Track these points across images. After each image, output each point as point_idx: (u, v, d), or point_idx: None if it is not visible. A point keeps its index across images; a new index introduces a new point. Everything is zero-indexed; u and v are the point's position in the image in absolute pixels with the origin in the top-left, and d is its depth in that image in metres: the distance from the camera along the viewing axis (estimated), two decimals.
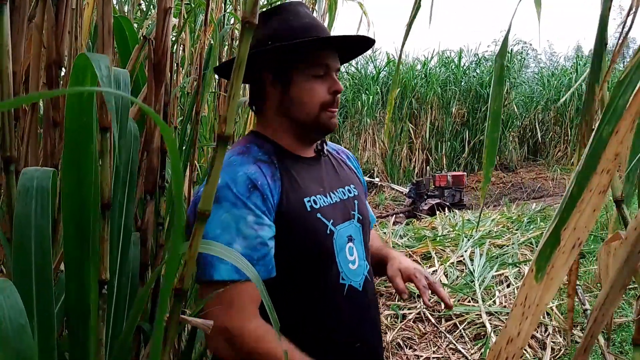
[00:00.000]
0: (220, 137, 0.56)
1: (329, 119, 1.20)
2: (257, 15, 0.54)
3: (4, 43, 0.92)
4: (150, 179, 1.36)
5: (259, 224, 1.08)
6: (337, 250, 1.20)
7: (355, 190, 1.33)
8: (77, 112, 0.84)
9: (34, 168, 0.78)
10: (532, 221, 5.77)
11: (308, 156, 1.27)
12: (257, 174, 1.11)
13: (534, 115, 14.67)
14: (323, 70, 1.19)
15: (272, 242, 1.10)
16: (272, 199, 1.12)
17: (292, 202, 1.15)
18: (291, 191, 1.16)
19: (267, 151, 1.20)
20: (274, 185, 1.13)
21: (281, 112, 1.22)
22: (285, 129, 1.23)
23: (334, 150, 1.42)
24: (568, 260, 0.38)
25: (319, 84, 1.18)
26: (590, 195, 0.38)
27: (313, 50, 1.18)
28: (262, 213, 1.09)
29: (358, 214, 1.29)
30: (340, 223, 1.23)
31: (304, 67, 1.18)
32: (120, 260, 1.11)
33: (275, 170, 1.16)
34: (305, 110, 1.19)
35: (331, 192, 1.25)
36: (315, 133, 1.25)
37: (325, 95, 1.18)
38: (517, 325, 0.42)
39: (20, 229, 0.74)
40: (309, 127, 1.21)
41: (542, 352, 2.97)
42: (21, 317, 0.64)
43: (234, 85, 0.55)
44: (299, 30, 1.17)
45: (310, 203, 1.17)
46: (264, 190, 1.10)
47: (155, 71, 1.31)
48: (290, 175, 1.18)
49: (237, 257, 0.76)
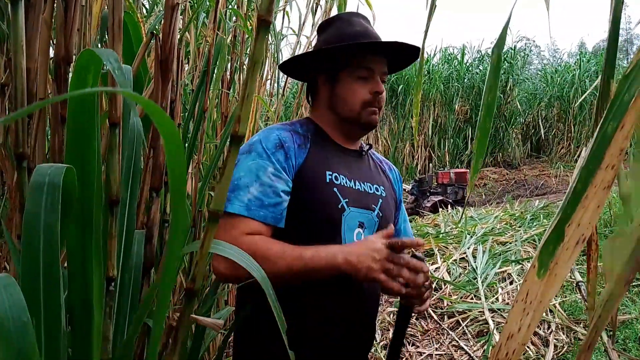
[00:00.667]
0: (234, 136, 0.56)
1: (369, 115, 1.32)
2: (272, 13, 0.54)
3: (19, 39, 0.92)
4: (156, 175, 1.36)
5: (276, 176, 1.20)
6: (345, 228, 1.25)
7: (384, 192, 1.39)
8: (79, 107, 0.84)
9: (48, 165, 0.78)
10: (535, 218, 5.75)
11: (350, 148, 1.38)
12: (287, 138, 1.25)
13: (537, 112, 14.65)
14: (367, 73, 1.30)
15: (285, 195, 1.21)
16: (294, 160, 1.24)
17: (313, 169, 1.25)
18: (315, 161, 1.27)
19: (308, 129, 1.33)
20: (299, 150, 1.26)
21: (329, 107, 1.35)
22: (332, 122, 1.36)
23: (378, 158, 1.53)
24: (572, 257, 0.38)
25: (362, 84, 1.30)
26: (595, 190, 0.38)
27: (357, 54, 1.30)
28: (282, 168, 1.21)
29: (379, 210, 1.34)
30: (357, 207, 1.28)
31: (349, 69, 1.31)
32: (124, 257, 1.11)
33: (306, 142, 1.29)
34: (348, 107, 1.31)
35: (357, 180, 1.33)
36: (358, 128, 1.36)
37: (367, 95, 1.30)
38: (517, 321, 0.42)
39: (29, 225, 0.74)
40: (352, 122, 1.33)
41: (545, 349, 2.97)
42: (23, 315, 0.63)
43: (249, 85, 0.54)
44: (348, 37, 1.30)
45: (331, 177, 1.26)
46: (288, 151, 1.23)
47: (162, 68, 1.31)
48: (320, 150, 1.30)
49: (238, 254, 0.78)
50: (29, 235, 0.74)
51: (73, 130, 0.84)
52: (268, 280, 0.75)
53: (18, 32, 0.91)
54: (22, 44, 0.93)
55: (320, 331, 1.21)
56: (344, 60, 1.31)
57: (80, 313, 0.87)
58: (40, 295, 0.74)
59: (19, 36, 0.92)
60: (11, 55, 1.02)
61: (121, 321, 1.12)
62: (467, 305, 3.55)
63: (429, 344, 3.24)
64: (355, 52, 1.30)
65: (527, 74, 15.89)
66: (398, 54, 1.40)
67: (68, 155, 0.84)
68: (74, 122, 0.84)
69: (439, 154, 13.36)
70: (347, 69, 1.31)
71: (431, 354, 3.12)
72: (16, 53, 0.92)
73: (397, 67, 1.48)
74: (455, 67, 13.96)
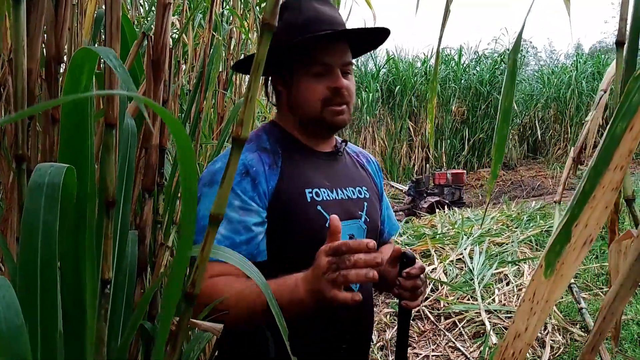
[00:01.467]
0: (236, 139, 0.55)
1: (332, 115, 1.20)
2: (277, 17, 0.53)
3: (21, 39, 0.91)
4: (148, 176, 1.35)
5: (245, 209, 1.10)
6: None
7: (367, 193, 1.31)
8: (72, 108, 0.83)
9: (49, 164, 0.77)
10: (531, 219, 5.77)
11: (323, 151, 1.28)
12: (253, 161, 1.15)
13: (534, 113, 14.68)
14: (322, 69, 1.18)
15: (258, 227, 1.11)
16: (266, 184, 1.14)
17: (291, 191, 1.15)
18: (291, 180, 1.17)
19: (276, 140, 1.23)
20: (270, 173, 1.15)
21: (290, 110, 1.25)
22: (297, 124, 1.26)
23: (354, 152, 1.44)
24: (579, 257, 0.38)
25: (319, 81, 1.18)
26: (603, 191, 0.37)
27: (309, 49, 1.17)
28: (250, 199, 1.11)
29: (366, 215, 1.27)
30: (344, 219, 1.17)
31: (303, 67, 1.18)
32: (118, 259, 1.10)
33: (277, 159, 1.18)
34: (308, 108, 1.20)
35: (339, 188, 1.24)
36: (324, 129, 1.25)
37: (325, 92, 1.18)
38: (524, 321, 0.41)
39: (28, 225, 0.73)
40: (315, 124, 1.22)
41: (541, 351, 2.97)
42: (17, 317, 0.62)
43: (252, 87, 0.53)
44: (296, 29, 1.16)
45: (311, 194, 1.17)
46: (257, 176, 1.13)
47: (154, 67, 1.30)
48: (294, 165, 1.19)
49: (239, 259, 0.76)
50: (28, 235, 0.73)
51: (66, 129, 0.83)
52: (268, 285, 0.73)
53: (20, 32, 0.90)
54: (23, 44, 0.92)
55: (315, 336, 1.17)
56: (295, 57, 1.19)
57: (72, 315, 0.86)
58: (37, 296, 0.73)
59: (21, 36, 0.91)
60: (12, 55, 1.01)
61: (115, 323, 1.11)
62: (464, 306, 3.55)
63: (426, 344, 3.24)
64: (306, 47, 1.17)
65: (524, 75, 15.93)
66: (362, 37, 1.27)
67: (61, 155, 0.83)
68: (67, 122, 0.82)
69: (436, 154, 13.38)
70: (300, 66, 1.18)
71: (428, 355, 3.12)
72: (17, 53, 0.91)
73: (364, 48, 1.35)
74: (452, 68, 13.98)
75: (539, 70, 16.79)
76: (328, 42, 1.18)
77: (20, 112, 0.86)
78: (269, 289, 0.72)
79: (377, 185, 1.42)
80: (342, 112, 1.21)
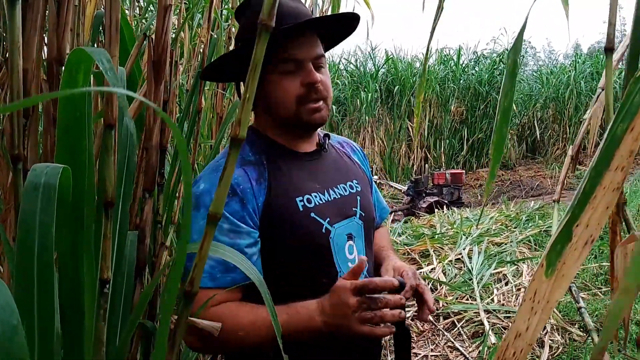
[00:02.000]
0: (234, 139, 0.55)
1: (309, 113, 1.14)
2: (274, 18, 0.53)
3: (16, 40, 0.90)
4: (148, 176, 1.35)
5: (234, 231, 1.07)
6: (336, 250, 1.16)
7: (358, 186, 1.28)
8: (70, 107, 0.83)
9: (45, 164, 0.77)
10: (530, 219, 5.77)
11: (306, 151, 1.24)
12: (239, 179, 1.10)
13: (532, 113, 14.69)
14: (293, 65, 1.11)
15: (251, 248, 1.08)
16: (255, 201, 1.10)
17: (282, 203, 1.12)
18: (281, 191, 1.13)
19: (258, 150, 1.18)
20: (258, 188, 1.11)
21: (266, 112, 1.20)
22: (274, 126, 1.20)
23: (337, 143, 1.38)
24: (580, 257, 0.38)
25: (290, 79, 1.12)
26: (604, 192, 0.38)
27: (275, 43, 1.08)
28: (240, 219, 1.07)
29: (360, 210, 1.25)
30: (339, 221, 1.19)
31: (272, 66, 1.11)
32: (117, 259, 1.10)
33: (263, 171, 1.14)
34: (282, 107, 1.14)
35: (330, 188, 1.21)
36: (301, 129, 1.20)
37: (299, 89, 1.12)
38: (525, 320, 0.41)
39: (24, 226, 0.73)
40: (293, 123, 1.17)
41: (540, 350, 2.97)
42: (13, 318, 0.62)
43: (249, 88, 0.54)
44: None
45: (303, 202, 1.14)
46: (245, 195, 1.09)
47: (155, 68, 1.31)
48: (281, 175, 1.15)
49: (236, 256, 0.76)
50: (24, 235, 0.73)
51: (63, 129, 0.83)
52: (264, 283, 0.73)
53: (15, 33, 0.90)
54: (18, 45, 0.92)
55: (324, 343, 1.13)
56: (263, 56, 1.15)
57: (71, 315, 0.86)
58: (34, 296, 0.73)
59: (16, 37, 0.91)
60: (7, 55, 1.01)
61: (114, 323, 1.11)
62: (463, 306, 3.55)
63: (425, 344, 3.24)
64: (274, 41, 1.05)
65: (523, 75, 15.94)
66: (330, 26, 1.20)
67: (58, 155, 0.83)
68: (64, 121, 0.82)
69: (435, 154, 13.38)
70: (269, 66, 1.10)
71: (427, 354, 3.12)
72: (13, 53, 0.91)
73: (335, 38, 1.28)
74: (451, 68, 13.98)
75: (538, 71, 16.82)
76: (295, 36, 1.11)
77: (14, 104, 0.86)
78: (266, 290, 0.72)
79: (365, 174, 1.38)
80: (320, 109, 1.15)
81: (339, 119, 13.76)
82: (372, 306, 0.98)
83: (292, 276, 1.13)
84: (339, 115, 13.77)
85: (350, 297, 0.98)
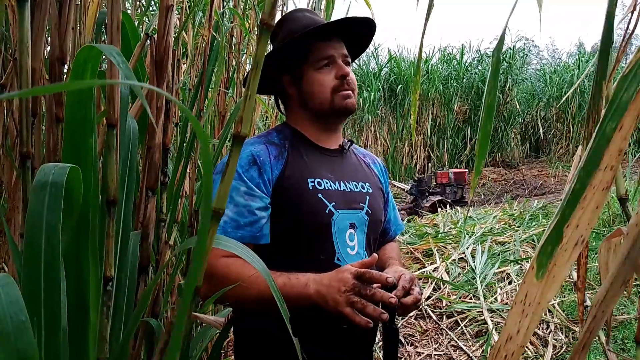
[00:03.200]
0: (236, 136, 0.56)
1: (342, 99, 1.29)
2: (275, 17, 0.54)
3: (25, 39, 0.91)
4: (152, 174, 1.36)
5: (249, 194, 1.19)
6: (336, 231, 1.24)
7: (370, 189, 1.37)
8: (76, 105, 0.84)
9: (53, 164, 0.78)
10: (533, 218, 5.76)
11: (330, 148, 1.36)
12: (261, 152, 1.24)
13: (536, 112, 14.66)
14: (327, 61, 1.29)
15: (262, 211, 1.19)
16: (271, 173, 1.22)
17: (294, 179, 1.23)
18: (296, 169, 1.25)
19: (284, 137, 1.32)
20: (275, 162, 1.24)
21: (301, 106, 1.34)
22: (309, 120, 1.34)
23: (361, 153, 1.51)
24: (570, 258, 0.38)
25: (326, 73, 1.29)
26: (594, 191, 0.38)
27: (312, 45, 1.29)
28: (256, 185, 1.20)
29: (368, 207, 1.32)
30: (344, 208, 1.27)
31: (309, 63, 1.29)
32: (120, 257, 1.11)
33: (283, 151, 1.27)
34: (319, 99, 1.29)
35: (342, 181, 1.31)
36: (335, 116, 1.33)
37: (334, 80, 1.28)
38: (516, 323, 0.41)
39: (32, 224, 0.74)
40: (327, 113, 1.31)
41: (543, 350, 2.97)
42: (22, 314, 0.63)
43: (251, 86, 0.55)
44: (297, 33, 1.27)
45: (313, 183, 1.25)
46: (263, 165, 1.22)
47: (157, 68, 1.32)
48: (299, 157, 1.28)
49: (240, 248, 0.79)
50: (32, 233, 0.74)
51: (70, 127, 0.83)
52: (269, 272, 0.75)
53: (24, 33, 0.91)
54: (27, 45, 0.93)
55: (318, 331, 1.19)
56: (300, 55, 1.30)
57: (75, 312, 0.87)
58: (41, 293, 0.74)
59: (25, 37, 0.92)
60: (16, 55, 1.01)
61: (117, 320, 1.12)
62: (466, 305, 3.55)
63: (428, 344, 3.24)
64: (310, 44, 1.29)
65: (526, 74, 15.89)
66: (353, 34, 1.38)
67: (65, 154, 0.84)
68: (71, 119, 0.83)
69: (438, 153, 13.37)
70: (307, 63, 1.30)
71: (430, 354, 3.12)
72: (22, 53, 0.92)
73: (359, 48, 1.46)
74: (454, 67, 13.97)
75: (541, 69, 16.76)
76: (326, 37, 1.30)
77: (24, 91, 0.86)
78: (271, 277, 0.76)
79: (382, 184, 1.48)
80: (350, 96, 1.31)
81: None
82: (362, 292, 1.04)
83: (294, 247, 1.22)
84: None
85: (349, 278, 1.05)
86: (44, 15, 1.06)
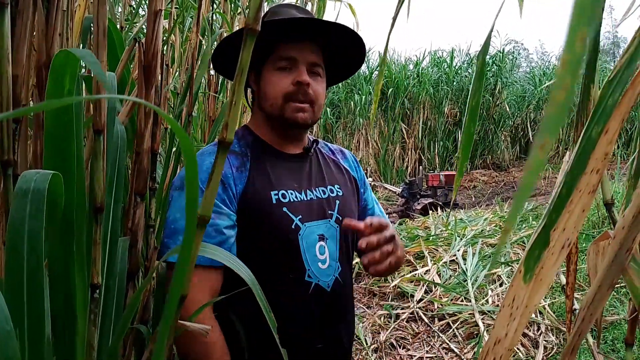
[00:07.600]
0: (222, 142, 0.55)
1: (293, 112, 1.19)
2: (260, 22, 0.54)
3: (4, 46, 0.90)
4: (140, 180, 1.35)
5: (216, 212, 1.10)
6: (304, 247, 1.17)
7: (340, 191, 1.30)
8: (57, 112, 0.83)
9: (34, 171, 0.77)
10: (524, 220, 5.79)
11: (291, 153, 1.28)
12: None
13: (525, 114, 14.76)
14: (288, 63, 1.19)
15: (230, 230, 1.12)
16: (235, 187, 1.14)
17: (257, 193, 1.16)
18: (258, 183, 1.17)
19: (245, 144, 1.23)
20: (238, 175, 1.16)
21: (258, 106, 1.26)
22: (263, 123, 1.26)
23: (329, 150, 1.42)
24: (557, 261, 0.38)
25: (283, 76, 1.19)
26: (580, 195, 0.38)
27: (275, 43, 1.20)
28: (221, 202, 1.12)
29: (337, 214, 1.26)
30: (312, 220, 1.20)
31: (270, 61, 1.20)
32: (108, 264, 1.10)
33: (245, 161, 1.19)
34: (270, 101, 1.20)
35: (308, 189, 1.24)
36: (284, 127, 1.23)
37: (289, 86, 1.18)
38: (504, 326, 0.41)
39: (14, 232, 0.73)
40: (277, 119, 1.22)
41: (534, 351, 2.98)
42: (6, 324, 0.62)
43: (236, 91, 0.54)
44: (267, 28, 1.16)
45: (277, 196, 1.17)
46: (226, 180, 1.13)
47: (146, 73, 1.30)
48: (261, 168, 1.20)
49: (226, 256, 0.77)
50: (14, 241, 0.73)
51: (51, 135, 0.82)
52: (256, 280, 0.75)
53: (4, 39, 0.90)
54: (8, 52, 0.91)
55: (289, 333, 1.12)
56: (263, 52, 1.20)
57: (63, 321, 0.86)
58: (24, 302, 0.73)
59: (5, 43, 0.90)
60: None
61: (106, 328, 1.11)
62: (458, 308, 3.56)
63: (420, 346, 3.24)
64: (273, 41, 1.19)
65: (516, 77, 16.01)
66: (340, 47, 1.28)
67: (46, 161, 0.82)
68: (52, 127, 0.82)
69: (429, 156, 13.41)
70: (268, 61, 1.20)
71: (422, 356, 3.12)
72: (2, 59, 0.90)
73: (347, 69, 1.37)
74: (444, 70, 14.03)
75: (531, 72, 16.88)
76: (296, 39, 1.20)
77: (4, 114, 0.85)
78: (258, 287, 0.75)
79: (355, 180, 1.40)
80: (303, 110, 1.20)
81: (333, 122, 13.78)
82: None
83: (262, 267, 1.12)
84: (333, 118, 13.80)
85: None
86: (26, 21, 1.05)
